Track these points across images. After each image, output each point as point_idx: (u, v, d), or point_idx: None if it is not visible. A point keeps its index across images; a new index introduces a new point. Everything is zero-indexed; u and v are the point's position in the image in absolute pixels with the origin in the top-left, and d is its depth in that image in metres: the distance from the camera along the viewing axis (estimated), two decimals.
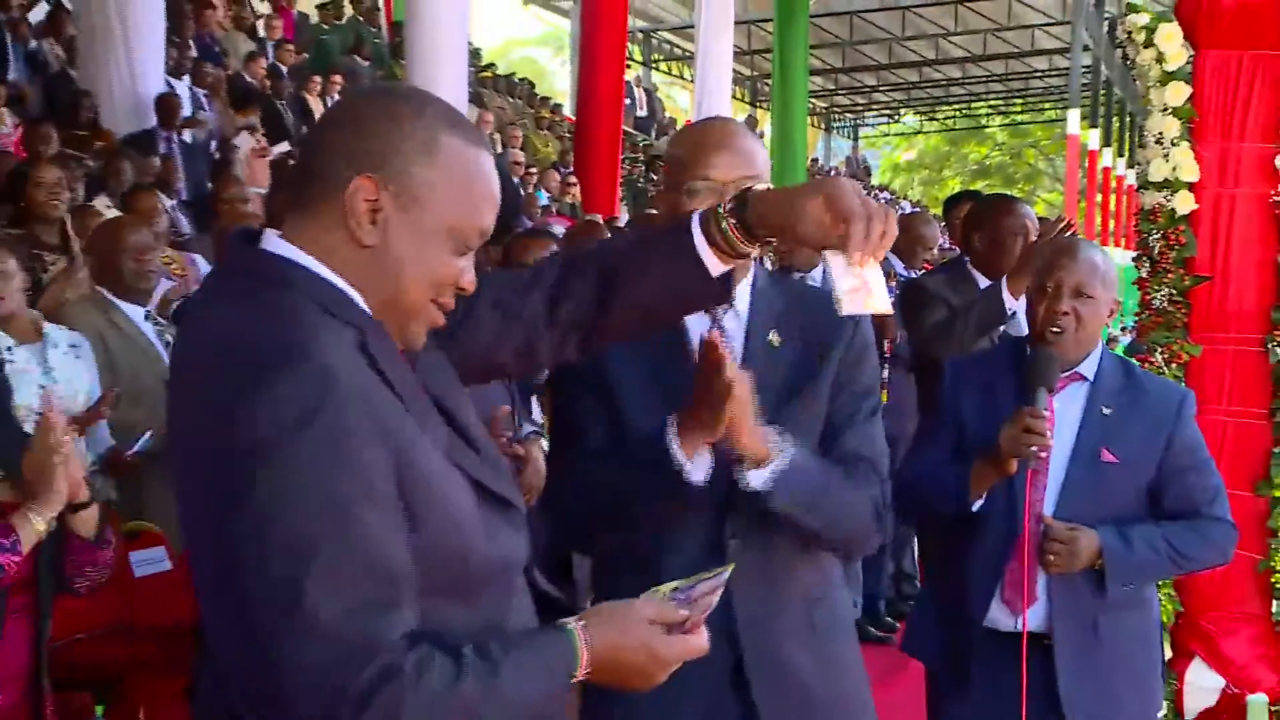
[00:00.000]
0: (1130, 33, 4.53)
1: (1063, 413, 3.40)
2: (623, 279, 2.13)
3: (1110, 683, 3.42)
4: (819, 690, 2.73)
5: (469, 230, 1.85)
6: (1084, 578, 3.37)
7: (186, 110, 11.65)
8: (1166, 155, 4.43)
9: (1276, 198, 4.34)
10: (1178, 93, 4.41)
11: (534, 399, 4.34)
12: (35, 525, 2.95)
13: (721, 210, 2.06)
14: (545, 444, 4.09)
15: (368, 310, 1.81)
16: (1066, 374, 3.45)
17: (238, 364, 1.68)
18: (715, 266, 2.09)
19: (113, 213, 7.06)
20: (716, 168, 2.60)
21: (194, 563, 1.76)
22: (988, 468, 3.30)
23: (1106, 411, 3.44)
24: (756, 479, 2.51)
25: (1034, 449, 3.20)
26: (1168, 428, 3.46)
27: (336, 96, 15.46)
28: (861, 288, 2.03)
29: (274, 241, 1.83)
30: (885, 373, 6.61)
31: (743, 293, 2.74)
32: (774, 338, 2.72)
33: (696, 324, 2.69)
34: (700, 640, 1.92)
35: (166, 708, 3.78)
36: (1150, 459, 3.45)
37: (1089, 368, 3.49)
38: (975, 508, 3.37)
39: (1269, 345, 4.34)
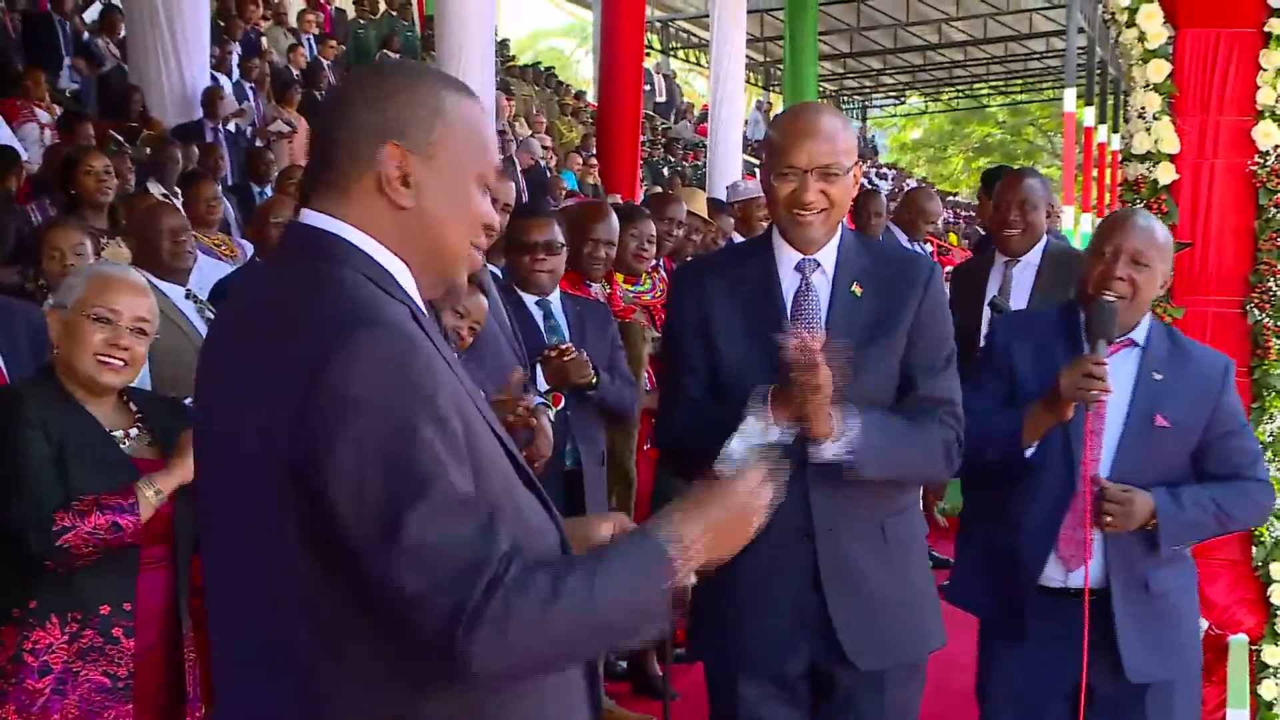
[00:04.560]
0: (1114, 13, 4.51)
1: (1115, 377, 3.26)
2: None
3: (1162, 634, 3.38)
4: (887, 595, 2.95)
5: (489, 171, 1.91)
6: (1136, 536, 3.31)
7: (231, 102, 11.68)
8: (1149, 129, 4.41)
9: (1252, 167, 4.33)
10: (1159, 69, 4.40)
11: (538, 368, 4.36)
12: (144, 493, 3.04)
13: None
14: (552, 414, 4.15)
15: (408, 287, 1.84)
16: (1120, 339, 3.37)
17: (315, 328, 1.69)
18: None
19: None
20: (797, 155, 2.84)
21: (250, 524, 1.75)
22: (1044, 412, 3.24)
23: (1158, 377, 3.38)
24: (827, 451, 2.75)
25: (1094, 394, 3.16)
26: (1214, 394, 3.41)
27: None
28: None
29: (316, 217, 1.84)
30: None
31: (830, 251, 2.97)
32: (856, 289, 2.93)
33: (788, 272, 2.96)
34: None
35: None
36: (1198, 424, 3.40)
37: (1140, 333, 3.42)
38: (1029, 454, 3.31)
39: (1246, 306, 4.33)
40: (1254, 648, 4.32)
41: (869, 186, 18.88)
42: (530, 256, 4.43)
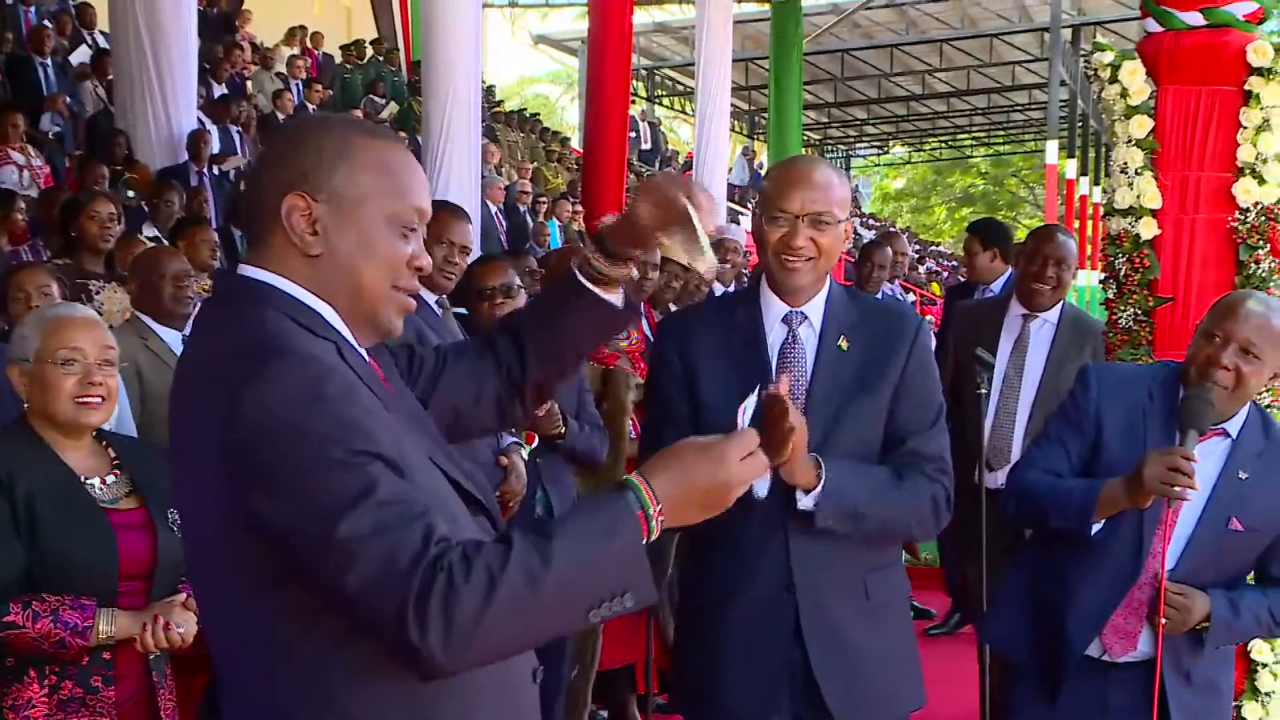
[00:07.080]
0: (1096, 69, 4.56)
1: (1199, 469, 3.04)
2: (536, 337, 2.25)
3: (1205, 711, 3.32)
4: (869, 651, 2.94)
5: (406, 213, 1.90)
6: (1183, 633, 3.24)
7: (216, 146, 11.68)
8: (1131, 184, 4.45)
9: (1233, 223, 4.36)
10: (1141, 125, 4.44)
11: None
12: (100, 624, 2.98)
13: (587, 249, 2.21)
14: (525, 453, 4.24)
15: (336, 325, 1.87)
16: (1212, 427, 3.21)
17: (229, 365, 1.74)
18: (611, 297, 2.23)
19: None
20: (790, 201, 2.86)
21: (210, 548, 1.82)
22: (1120, 495, 3.11)
23: (1243, 476, 3.22)
24: (804, 501, 2.78)
25: (1178, 490, 3.00)
26: None
27: None
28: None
29: (245, 268, 1.90)
30: None
31: (818, 303, 2.98)
32: (843, 343, 2.95)
33: (774, 323, 2.97)
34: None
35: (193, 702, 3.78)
36: (1273, 530, 3.27)
37: (1234, 424, 3.24)
38: (1093, 532, 3.19)
39: None
40: (1234, 704, 4.31)
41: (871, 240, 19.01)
42: (489, 303, 4.51)
